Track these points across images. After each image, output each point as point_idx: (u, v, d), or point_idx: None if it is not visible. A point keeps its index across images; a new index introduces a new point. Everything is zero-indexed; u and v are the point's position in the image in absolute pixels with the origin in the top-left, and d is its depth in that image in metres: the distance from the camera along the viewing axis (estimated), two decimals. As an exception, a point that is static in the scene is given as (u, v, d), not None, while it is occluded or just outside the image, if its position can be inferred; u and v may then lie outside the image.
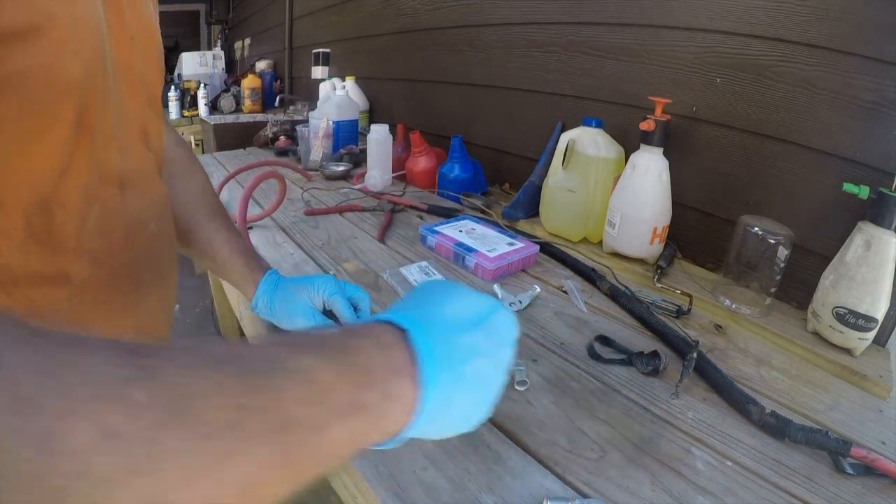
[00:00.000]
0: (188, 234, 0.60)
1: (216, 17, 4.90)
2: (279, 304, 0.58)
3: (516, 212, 1.11)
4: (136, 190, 0.41)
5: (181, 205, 0.60)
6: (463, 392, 0.27)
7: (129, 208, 0.39)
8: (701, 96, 0.91)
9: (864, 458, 0.47)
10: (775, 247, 0.72)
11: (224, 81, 3.28)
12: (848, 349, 0.68)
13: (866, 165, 0.72)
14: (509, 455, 0.47)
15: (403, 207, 1.18)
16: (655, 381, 0.60)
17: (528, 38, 1.24)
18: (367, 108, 1.99)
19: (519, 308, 0.74)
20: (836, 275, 0.68)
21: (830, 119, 0.75)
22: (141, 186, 0.42)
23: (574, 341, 0.67)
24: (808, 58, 0.76)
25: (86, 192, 0.34)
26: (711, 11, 0.87)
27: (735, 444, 0.50)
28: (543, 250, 0.94)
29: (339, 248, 0.94)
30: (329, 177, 1.42)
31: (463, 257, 0.86)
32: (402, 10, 1.72)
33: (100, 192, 0.35)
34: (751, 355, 0.67)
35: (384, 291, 0.77)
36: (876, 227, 0.64)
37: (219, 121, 2.66)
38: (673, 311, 0.75)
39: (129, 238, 0.39)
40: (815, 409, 0.57)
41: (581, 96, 1.14)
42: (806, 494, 0.45)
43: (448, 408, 0.27)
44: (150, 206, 0.44)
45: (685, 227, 0.96)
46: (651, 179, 0.85)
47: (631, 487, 0.44)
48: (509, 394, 0.55)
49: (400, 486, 0.43)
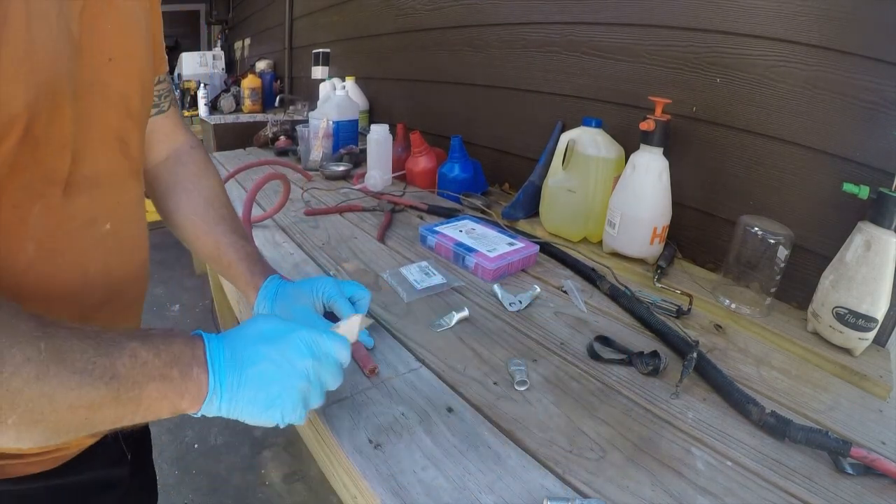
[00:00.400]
0: (197, 239, 0.62)
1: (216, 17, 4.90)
2: (280, 309, 0.59)
3: (516, 212, 1.11)
4: (99, 190, 0.45)
5: (191, 209, 0.61)
6: (248, 385, 0.39)
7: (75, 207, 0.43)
8: (701, 96, 0.91)
9: (864, 458, 0.47)
10: (775, 247, 0.72)
11: (224, 81, 3.27)
12: (848, 349, 0.68)
13: (866, 165, 0.72)
14: (509, 455, 0.47)
15: (403, 207, 1.18)
16: (655, 381, 0.60)
17: (528, 38, 1.24)
18: (367, 108, 1.99)
19: (519, 308, 0.74)
20: (836, 275, 0.68)
21: (830, 119, 0.75)
22: (106, 188, 0.46)
23: (574, 341, 0.67)
24: (808, 58, 0.76)
25: (28, 189, 0.38)
26: (711, 11, 0.87)
27: (735, 444, 0.50)
28: (543, 250, 0.94)
29: (339, 248, 0.94)
30: (329, 177, 1.42)
31: (463, 257, 0.86)
32: (402, 10, 1.72)
33: (43, 190, 0.39)
34: (751, 355, 0.67)
35: (384, 291, 0.77)
36: (876, 227, 0.64)
37: (219, 121, 2.66)
38: (673, 311, 0.75)
39: (73, 232, 0.43)
40: (815, 409, 0.57)
41: (581, 96, 1.14)
42: (806, 494, 0.45)
43: (237, 394, 0.39)
44: (115, 206, 0.47)
45: (685, 227, 0.96)
46: (651, 179, 0.85)
47: (631, 487, 0.44)
48: (509, 394, 0.55)
49: (400, 486, 0.43)
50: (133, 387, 0.34)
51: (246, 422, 0.41)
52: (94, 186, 0.44)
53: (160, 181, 0.63)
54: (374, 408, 0.52)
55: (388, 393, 0.55)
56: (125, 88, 0.47)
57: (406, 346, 0.64)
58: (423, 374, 0.58)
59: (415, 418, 0.51)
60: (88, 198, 0.44)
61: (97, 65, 0.42)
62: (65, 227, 0.42)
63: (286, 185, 1.03)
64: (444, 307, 0.73)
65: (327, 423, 0.50)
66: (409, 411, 0.52)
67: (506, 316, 0.72)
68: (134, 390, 0.34)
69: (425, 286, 0.78)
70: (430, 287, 0.77)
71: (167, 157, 0.64)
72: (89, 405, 0.32)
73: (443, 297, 0.76)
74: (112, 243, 0.48)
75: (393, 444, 0.47)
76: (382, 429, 0.49)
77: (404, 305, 0.73)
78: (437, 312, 0.71)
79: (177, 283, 2.69)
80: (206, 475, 1.55)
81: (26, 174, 0.38)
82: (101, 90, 0.43)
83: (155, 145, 0.62)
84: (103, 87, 0.44)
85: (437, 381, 0.57)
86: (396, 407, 0.53)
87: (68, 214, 0.42)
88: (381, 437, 0.48)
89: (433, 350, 0.63)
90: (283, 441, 1.70)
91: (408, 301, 0.74)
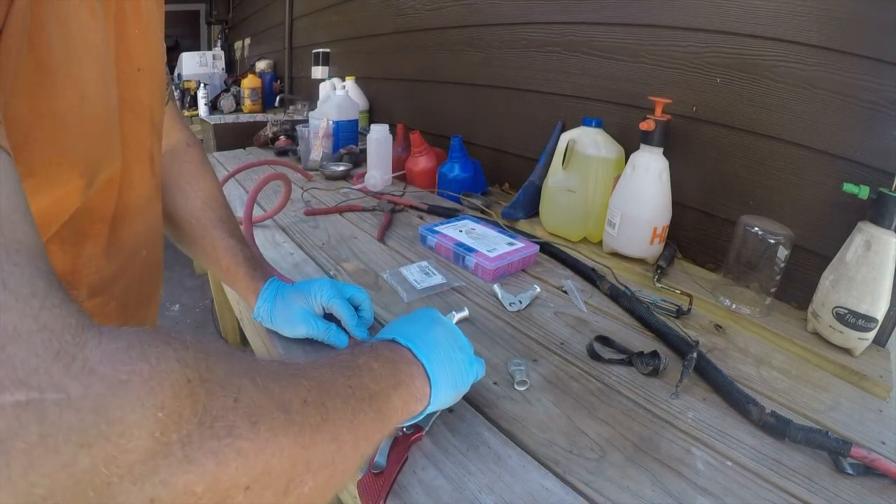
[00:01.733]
0: (194, 242, 0.60)
1: (216, 17, 4.90)
2: (279, 312, 0.59)
3: (516, 212, 1.11)
4: (138, 217, 0.43)
5: (188, 211, 0.60)
6: (446, 376, 0.42)
7: (122, 241, 0.41)
8: (701, 96, 0.91)
9: (864, 458, 0.47)
10: (775, 247, 0.72)
11: (224, 81, 3.27)
12: (848, 349, 0.68)
13: (866, 165, 0.72)
14: (509, 455, 0.47)
15: (403, 207, 1.18)
16: (655, 381, 0.60)
17: (528, 38, 1.24)
18: (367, 108, 1.99)
19: (519, 308, 0.74)
20: (836, 275, 0.68)
21: (830, 119, 0.75)
22: (143, 213, 0.44)
23: (574, 341, 0.67)
24: (808, 58, 0.76)
25: (75, 229, 0.36)
26: (711, 11, 0.87)
27: (735, 444, 0.50)
28: (543, 250, 0.94)
29: (339, 248, 0.94)
30: (329, 177, 1.42)
31: (463, 257, 0.86)
32: (402, 10, 1.72)
33: (89, 229, 0.38)
34: (751, 355, 0.67)
35: (384, 291, 0.77)
36: (876, 227, 0.64)
37: (219, 121, 2.66)
38: (673, 311, 0.75)
39: (121, 268, 0.42)
40: (815, 409, 0.57)
41: (581, 96, 1.14)
42: (806, 494, 0.45)
43: (441, 386, 0.41)
44: (147, 231, 0.46)
45: (685, 227, 0.96)
46: (651, 179, 0.85)
47: (631, 487, 0.44)
48: (509, 394, 0.55)
49: (400, 486, 0.43)
50: (385, 401, 0.33)
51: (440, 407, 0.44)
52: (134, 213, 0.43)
53: None
54: (374, 408, 0.52)
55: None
56: (150, 100, 0.44)
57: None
58: (423, 374, 0.58)
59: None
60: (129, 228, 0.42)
61: (126, 77, 0.40)
62: (113, 263, 0.40)
63: (287, 186, 1.03)
64: (444, 307, 0.73)
65: (327, 423, 0.50)
66: (409, 411, 0.52)
67: (506, 316, 0.72)
68: (386, 405, 0.33)
69: (425, 286, 0.78)
70: (430, 287, 0.77)
71: (163, 154, 0.63)
72: (366, 435, 0.30)
73: (443, 296, 0.76)
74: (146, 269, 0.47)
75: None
76: (382, 429, 0.49)
77: (404, 305, 0.73)
78: (437, 312, 0.71)
79: (177, 283, 2.69)
80: (206, 475, 1.55)
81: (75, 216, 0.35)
82: (131, 106, 0.41)
83: None
84: (135, 102, 0.41)
85: (437, 381, 0.57)
86: (396, 407, 0.52)
87: (115, 250, 0.40)
88: (381, 437, 0.48)
89: (433, 350, 0.63)
90: (283, 441, 1.70)
91: (408, 301, 0.74)
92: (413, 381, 0.38)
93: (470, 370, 0.45)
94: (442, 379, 0.41)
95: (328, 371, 0.30)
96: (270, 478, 0.23)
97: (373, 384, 0.33)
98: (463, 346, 0.46)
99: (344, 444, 0.27)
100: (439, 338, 0.44)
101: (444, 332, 0.45)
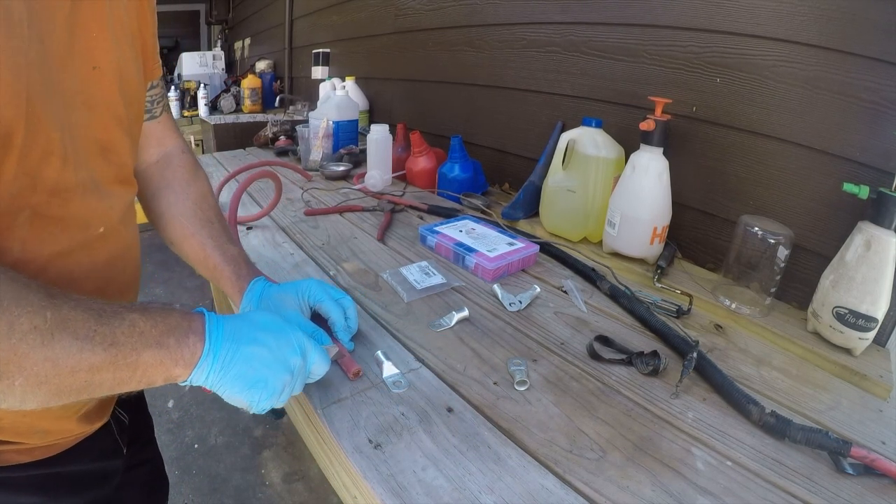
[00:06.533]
0: (184, 241, 0.62)
1: (216, 17, 4.90)
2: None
3: (516, 212, 1.11)
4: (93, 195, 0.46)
5: (178, 214, 0.62)
6: (240, 360, 0.43)
7: (66, 212, 0.44)
8: (701, 96, 0.91)
9: (864, 458, 0.47)
10: (775, 247, 0.72)
11: (224, 81, 3.28)
12: (848, 349, 0.68)
13: (866, 165, 0.72)
14: (509, 455, 0.47)
15: (403, 207, 1.18)
16: (655, 381, 0.60)
17: (528, 38, 1.24)
18: (367, 108, 1.99)
19: (519, 308, 0.74)
20: (836, 275, 0.68)
21: (830, 119, 0.75)
22: (98, 193, 0.47)
23: (574, 341, 0.67)
24: (808, 58, 0.76)
25: (13, 198, 0.39)
26: (711, 11, 0.87)
27: (735, 444, 0.50)
28: (543, 250, 0.94)
29: (339, 248, 0.94)
30: (329, 177, 1.42)
31: (463, 257, 0.86)
32: (402, 10, 1.72)
33: (30, 199, 0.40)
34: (751, 355, 0.67)
35: (384, 291, 0.77)
36: (876, 227, 0.64)
37: (219, 121, 2.66)
38: (673, 311, 0.75)
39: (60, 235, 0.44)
40: (815, 409, 0.57)
41: (581, 96, 1.14)
42: (806, 494, 0.45)
43: (229, 366, 0.42)
44: (107, 210, 0.49)
45: (685, 227, 0.96)
46: (651, 179, 0.85)
47: (631, 487, 0.44)
48: (509, 394, 0.55)
49: (400, 486, 0.43)
50: (130, 353, 0.37)
51: (224, 396, 0.44)
52: (86, 192, 0.45)
53: (150, 183, 0.63)
54: (374, 408, 0.52)
55: (387, 393, 0.55)
56: (110, 97, 0.47)
57: (406, 346, 0.64)
58: (423, 374, 0.58)
59: (415, 418, 0.51)
60: (81, 203, 0.45)
61: (82, 74, 0.43)
62: (51, 230, 0.43)
63: (277, 183, 1.02)
64: (443, 307, 0.73)
65: (327, 423, 0.50)
66: (409, 411, 0.52)
67: (506, 316, 0.72)
68: (131, 356, 0.37)
69: (425, 286, 0.77)
70: (430, 287, 0.77)
71: (157, 160, 0.65)
72: (89, 368, 0.35)
73: (443, 297, 0.76)
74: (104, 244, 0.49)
75: (393, 445, 0.47)
76: (382, 429, 0.49)
77: (404, 305, 0.73)
78: (437, 312, 0.71)
79: (177, 283, 2.69)
80: (206, 475, 1.55)
81: (9, 183, 0.38)
82: (84, 100, 0.44)
83: (146, 149, 0.63)
84: (87, 96, 0.44)
85: (437, 381, 0.57)
86: (396, 407, 0.52)
87: (57, 218, 0.43)
88: (381, 437, 0.48)
89: (433, 350, 0.63)
90: (283, 441, 1.70)
91: (408, 301, 0.74)
92: (182, 349, 0.40)
93: (279, 376, 0.45)
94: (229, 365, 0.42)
95: (83, 312, 0.36)
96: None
97: (122, 336, 0.37)
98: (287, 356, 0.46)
99: (62, 368, 0.34)
100: (259, 336, 0.45)
101: (272, 337, 0.46)
